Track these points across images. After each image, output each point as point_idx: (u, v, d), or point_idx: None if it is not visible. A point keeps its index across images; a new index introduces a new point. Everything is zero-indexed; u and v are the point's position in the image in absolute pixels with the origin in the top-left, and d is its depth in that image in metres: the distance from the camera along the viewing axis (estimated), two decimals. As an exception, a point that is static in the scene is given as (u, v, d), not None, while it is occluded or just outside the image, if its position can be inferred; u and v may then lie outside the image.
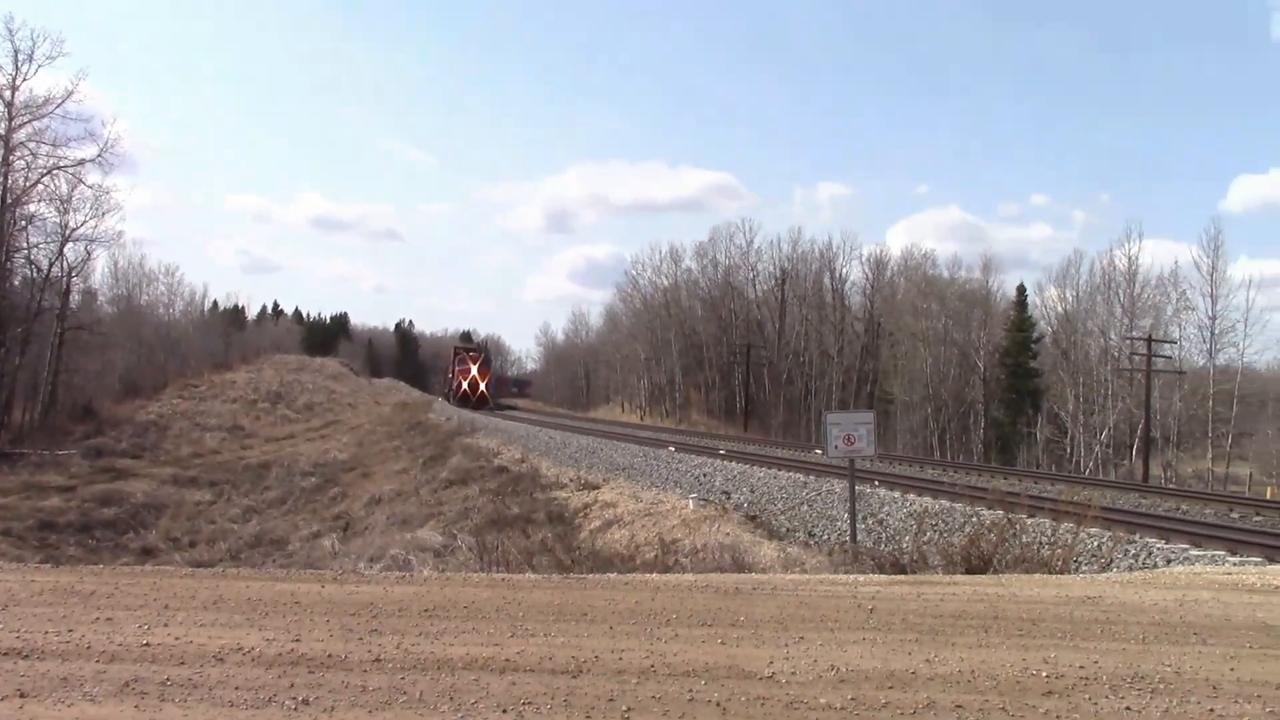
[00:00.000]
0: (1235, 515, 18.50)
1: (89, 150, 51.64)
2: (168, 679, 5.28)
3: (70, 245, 57.78)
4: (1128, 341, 54.18)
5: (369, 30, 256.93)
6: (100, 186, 54.77)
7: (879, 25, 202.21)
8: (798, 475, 20.71)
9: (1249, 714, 5.29)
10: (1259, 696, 5.55)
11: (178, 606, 6.96)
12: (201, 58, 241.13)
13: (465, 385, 74.95)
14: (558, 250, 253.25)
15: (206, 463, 51.32)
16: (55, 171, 52.43)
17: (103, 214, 56.47)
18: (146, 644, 5.90)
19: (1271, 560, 11.89)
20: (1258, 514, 18.57)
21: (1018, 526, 12.34)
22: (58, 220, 55.74)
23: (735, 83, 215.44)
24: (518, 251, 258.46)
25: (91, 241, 58.79)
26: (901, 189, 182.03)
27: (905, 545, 13.18)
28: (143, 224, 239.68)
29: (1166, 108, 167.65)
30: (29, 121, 50.27)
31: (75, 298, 63.70)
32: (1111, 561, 12.07)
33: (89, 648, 5.80)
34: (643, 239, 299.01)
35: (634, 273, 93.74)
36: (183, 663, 5.57)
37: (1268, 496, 35.77)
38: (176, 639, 6.02)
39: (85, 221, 56.57)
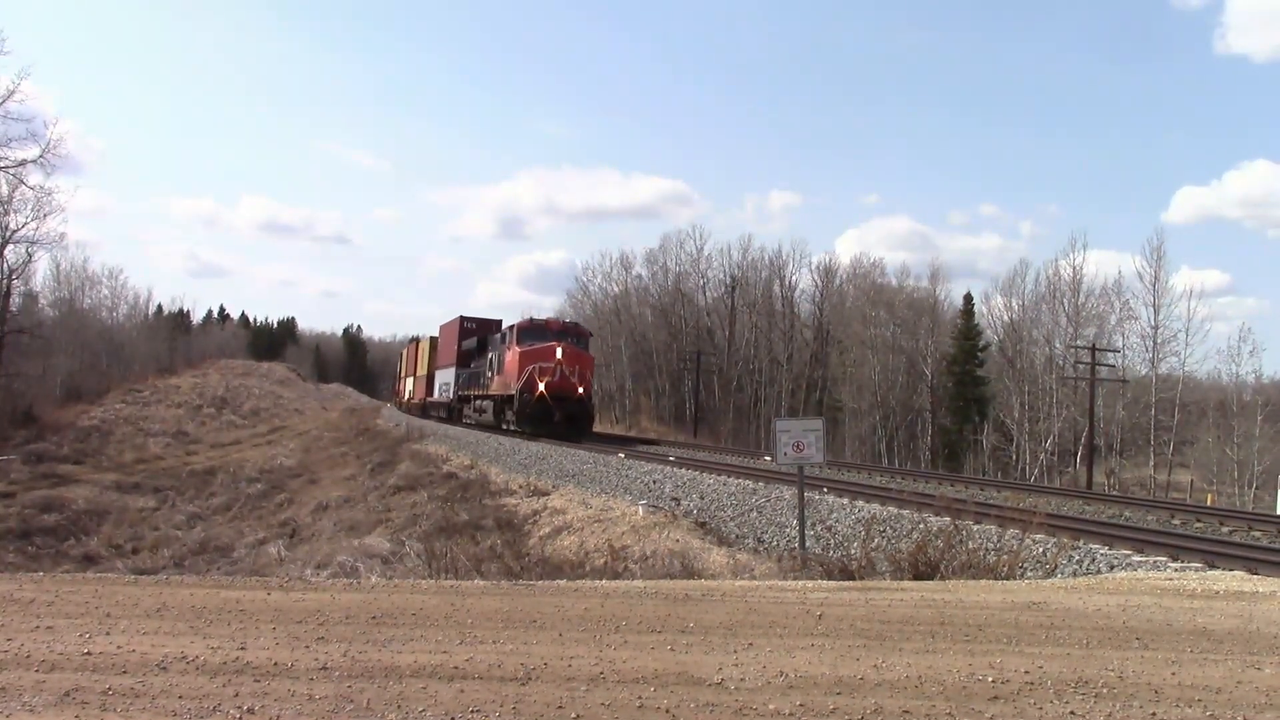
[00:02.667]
0: (1177, 522, 18.76)
1: (31, 151, 50.71)
2: (109, 688, 5.19)
3: (10, 247, 56.95)
4: (1072, 350, 54.96)
5: (316, 33, 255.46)
6: (42, 188, 53.81)
7: (830, 36, 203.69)
8: (747, 482, 20.76)
9: (1190, 718, 5.37)
10: (1200, 700, 5.63)
11: (120, 615, 6.85)
12: (146, 59, 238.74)
13: (543, 387, 36.40)
14: (509, 256, 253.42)
15: (150, 468, 50.63)
16: (-5, 172, 51.54)
17: (44, 216, 55.60)
18: (88, 653, 5.80)
19: (1212, 566, 12.06)
20: (1198, 520, 18.83)
21: (964, 533, 12.45)
22: (-3, 222, 54.87)
23: (687, 91, 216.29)
24: (468, 257, 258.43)
25: (33, 244, 57.94)
26: (852, 198, 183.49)
27: (853, 552, 13.24)
28: (86, 227, 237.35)
29: (1112, 120, 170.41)
30: (-32, 121, 49.34)
31: (16, 300, 62.64)
32: (1056, 567, 12.19)
33: (28, 657, 5.68)
34: (594, 245, 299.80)
35: (584, 279, 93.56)
36: (125, 672, 5.48)
37: (1208, 503, 36.37)
38: (119, 648, 5.92)
39: (26, 223, 55.74)
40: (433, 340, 61.05)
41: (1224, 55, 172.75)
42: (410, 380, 70.58)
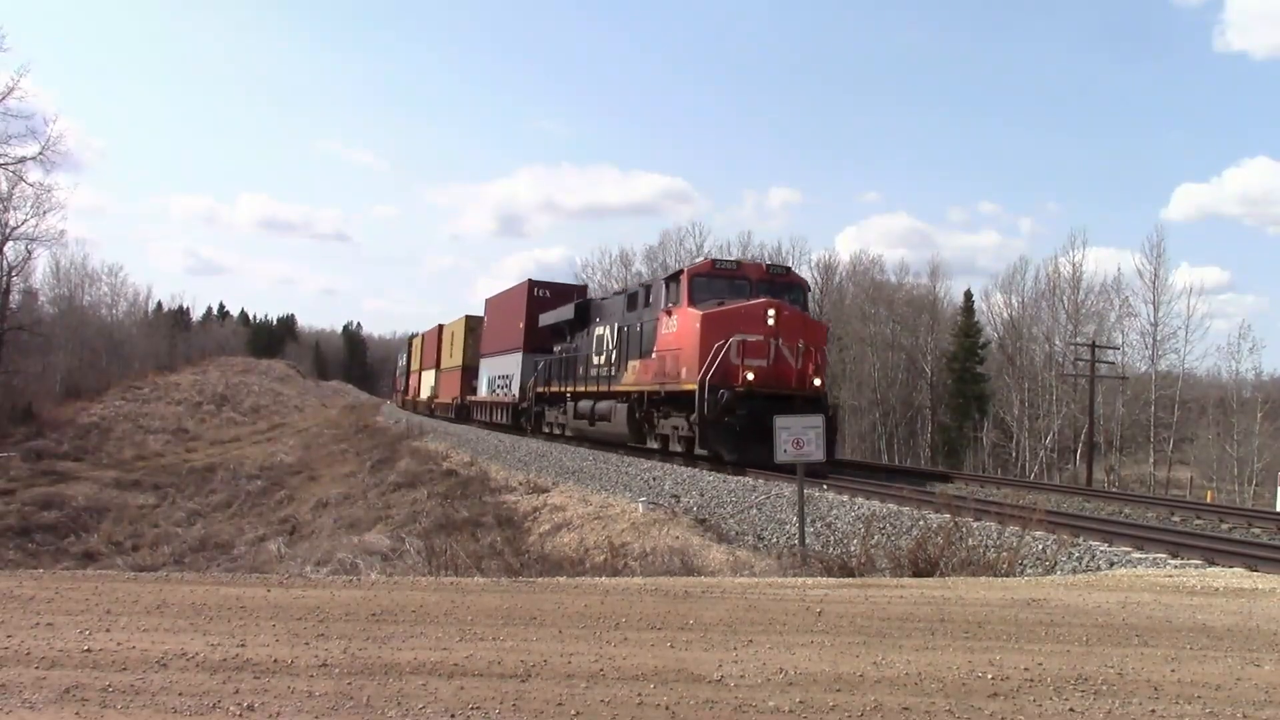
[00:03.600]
0: (1176, 519, 18.74)
1: (30, 148, 50.80)
2: (109, 685, 5.19)
3: (10, 244, 57.05)
4: (1072, 347, 54.95)
5: (316, 33, 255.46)
6: (42, 185, 54.11)
7: (829, 34, 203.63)
8: (747, 479, 20.74)
9: (1189, 715, 5.36)
10: (1199, 697, 5.63)
11: (120, 611, 6.85)
12: (146, 58, 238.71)
13: (751, 377, 21.19)
14: (509, 254, 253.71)
15: (150, 465, 50.65)
16: (-5, 169, 51.63)
17: (44, 213, 55.90)
18: (88, 650, 5.80)
19: (1211, 563, 12.05)
20: (1198, 518, 18.81)
21: (964, 530, 12.44)
22: (-3, 218, 54.98)
23: (687, 89, 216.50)
24: (467, 254, 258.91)
25: (32, 240, 58.15)
26: (851, 195, 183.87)
27: (853, 548, 13.22)
28: (86, 224, 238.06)
29: (1112, 117, 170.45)
30: (-33, 118, 49.42)
31: (15, 298, 62.65)
32: (1056, 564, 12.18)
33: (28, 654, 5.69)
34: (594, 242, 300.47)
35: (584, 276, 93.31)
36: (125, 669, 5.49)
37: (1208, 500, 36.41)
38: (118, 644, 5.92)
39: (26, 220, 55.93)
40: (471, 321, 47.77)
41: (1223, 53, 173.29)
42: (431, 374, 58.38)
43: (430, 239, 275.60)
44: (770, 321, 21.61)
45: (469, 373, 46.95)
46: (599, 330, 29.21)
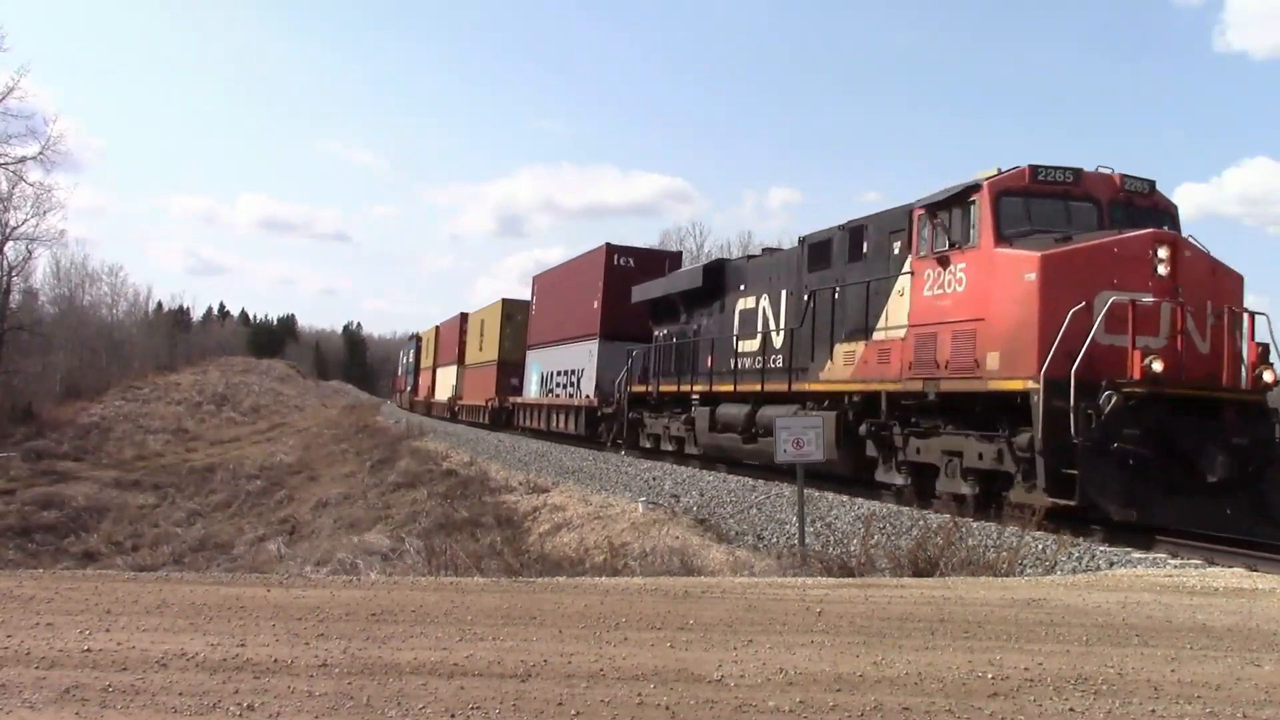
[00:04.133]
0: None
1: (30, 148, 50.83)
2: (109, 685, 5.18)
3: (10, 244, 57.05)
4: (1072, 347, 54.69)
5: (316, 33, 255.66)
6: (42, 185, 54.18)
7: (829, 34, 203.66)
8: (747, 479, 20.73)
9: (1189, 714, 5.36)
10: (1199, 697, 5.62)
11: (120, 611, 6.84)
12: (147, 58, 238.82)
13: (1158, 368, 11.89)
14: (509, 254, 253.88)
15: (150, 465, 50.66)
16: (-5, 168, 51.64)
17: (44, 212, 55.99)
18: (87, 650, 5.79)
19: (1211, 563, 12.04)
20: (1198, 517, 18.76)
21: (964, 529, 12.42)
22: (-3, 218, 54.95)
23: (687, 89, 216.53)
24: (467, 254, 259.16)
25: (32, 240, 58.22)
26: (851, 195, 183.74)
27: (853, 548, 13.20)
28: (86, 224, 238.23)
29: (1112, 117, 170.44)
30: (-33, 117, 49.43)
31: (15, 297, 62.64)
32: (1056, 564, 12.15)
33: (28, 654, 5.68)
34: (594, 242, 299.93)
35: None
36: (125, 669, 5.48)
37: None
38: (118, 644, 5.91)
39: (26, 220, 55.95)
40: (509, 306, 40.31)
41: (1223, 53, 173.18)
42: (451, 371, 51.07)
43: (430, 239, 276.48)
44: (1162, 269, 12.63)
45: (508, 369, 39.77)
46: (745, 303, 21.46)
